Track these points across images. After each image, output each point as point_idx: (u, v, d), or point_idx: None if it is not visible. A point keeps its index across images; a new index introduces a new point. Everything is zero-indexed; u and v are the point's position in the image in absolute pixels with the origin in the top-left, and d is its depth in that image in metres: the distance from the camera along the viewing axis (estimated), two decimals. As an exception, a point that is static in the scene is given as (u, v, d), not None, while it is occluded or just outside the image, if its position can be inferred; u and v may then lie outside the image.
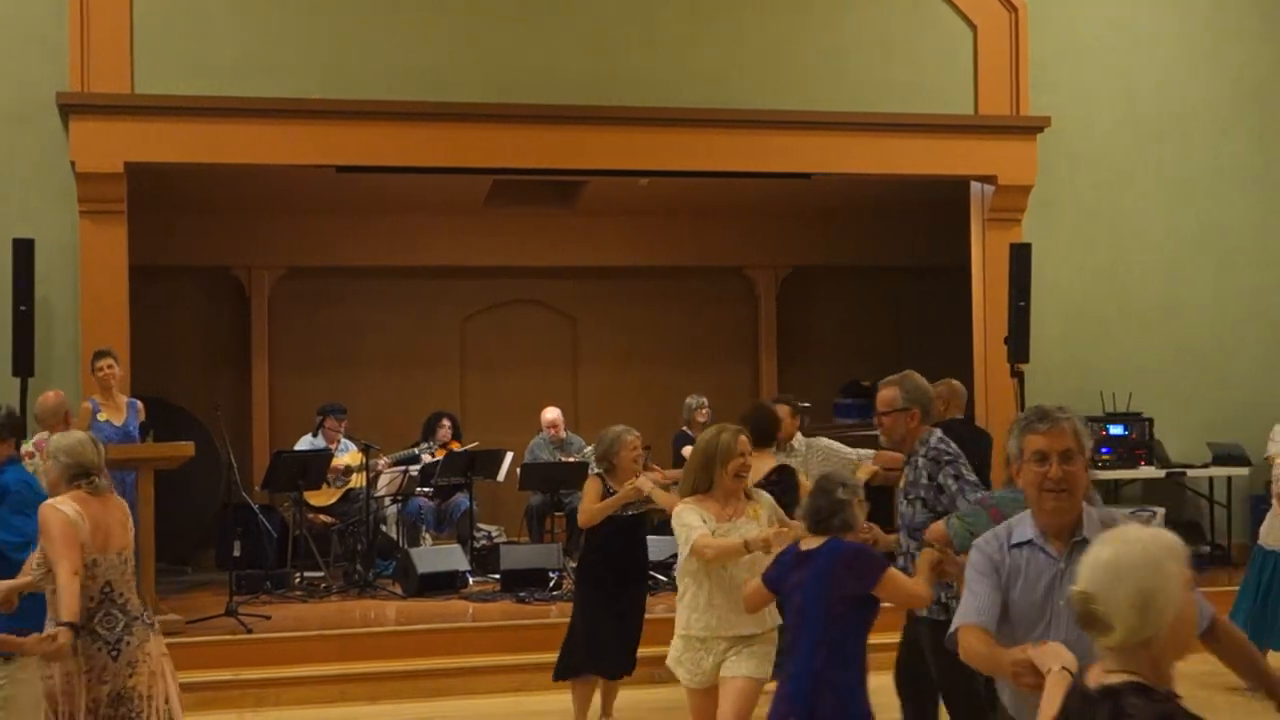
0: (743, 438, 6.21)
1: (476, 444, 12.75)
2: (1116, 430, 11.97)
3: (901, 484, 6.20)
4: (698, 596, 6.08)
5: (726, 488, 6.13)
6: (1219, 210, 12.70)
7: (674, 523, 6.18)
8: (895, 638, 6.39)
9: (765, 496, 6.37)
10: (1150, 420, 12.09)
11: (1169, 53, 12.63)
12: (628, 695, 8.17)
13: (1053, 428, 3.90)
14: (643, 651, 7.85)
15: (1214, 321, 12.63)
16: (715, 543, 5.97)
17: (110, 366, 9.94)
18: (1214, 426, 12.26)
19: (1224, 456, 12.10)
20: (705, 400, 12.75)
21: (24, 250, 10.12)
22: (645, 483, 7.63)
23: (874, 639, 5.29)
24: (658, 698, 8.38)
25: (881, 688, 5.78)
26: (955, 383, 9.48)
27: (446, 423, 13.02)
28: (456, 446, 12.64)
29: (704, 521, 6.05)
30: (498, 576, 11.18)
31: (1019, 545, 3.92)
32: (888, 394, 6.37)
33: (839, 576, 5.16)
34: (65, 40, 10.53)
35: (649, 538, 8.34)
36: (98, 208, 10.52)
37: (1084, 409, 11.96)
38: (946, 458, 5.99)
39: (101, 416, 9.77)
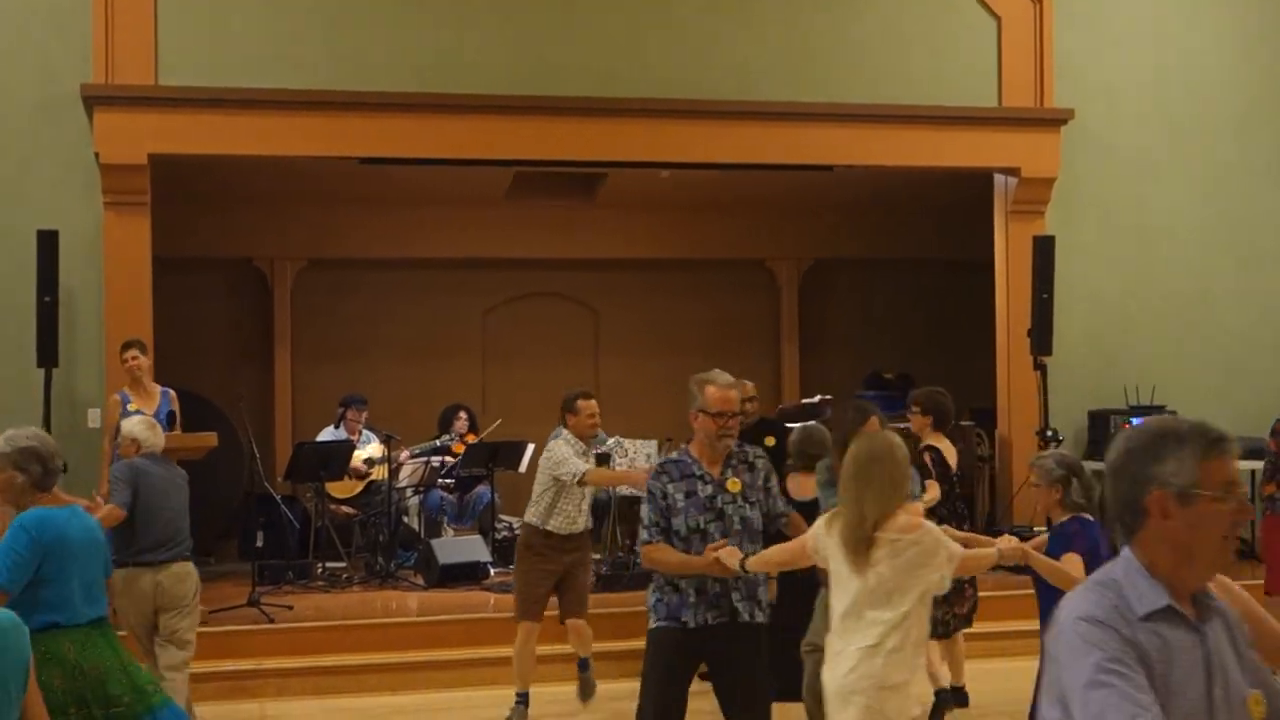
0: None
1: (500, 422, 12.77)
2: (1138, 423, 11.91)
3: None
4: None
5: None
6: (1243, 204, 12.64)
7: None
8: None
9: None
10: (1174, 414, 12.04)
11: (1194, 45, 12.57)
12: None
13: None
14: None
15: (1238, 315, 12.58)
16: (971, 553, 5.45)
17: (136, 357, 9.96)
18: (1238, 420, 12.17)
19: (1248, 450, 12.04)
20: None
21: (48, 242, 10.16)
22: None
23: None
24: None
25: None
26: None
27: (463, 415, 13.03)
28: (473, 439, 12.65)
29: None
30: (519, 568, 11.18)
31: (1152, 616, 2.63)
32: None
33: None
34: (90, 32, 10.57)
35: None
36: (121, 199, 10.57)
37: (1107, 402, 11.96)
38: None
39: (132, 407, 9.79)
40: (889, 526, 5.01)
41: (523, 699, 8.25)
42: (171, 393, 10.18)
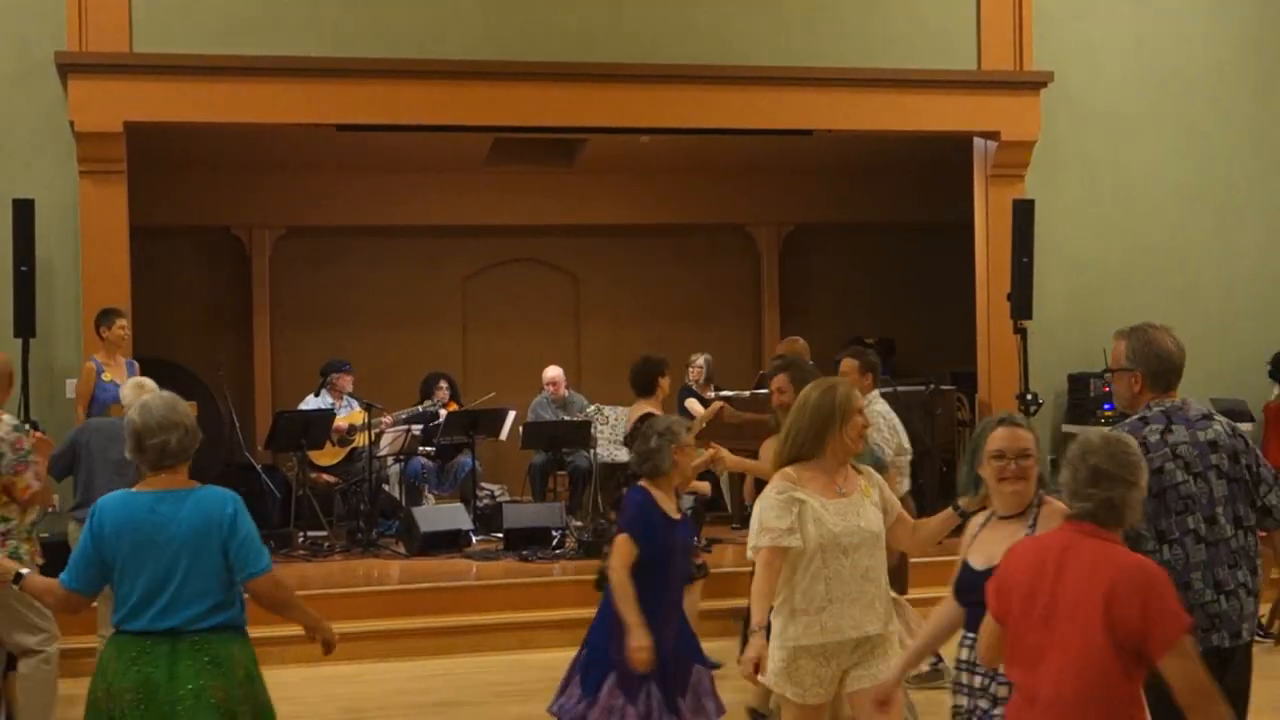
0: (857, 392, 5.43)
1: (493, 395, 12.76)
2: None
3: None
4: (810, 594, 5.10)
5: (841, 454, 5.21)
6: (1223, 165, 12.65)
7: (762, 505, 5.16)
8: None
9: (872, 472, 5.43)
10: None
11: (1172, 6, 12.55)
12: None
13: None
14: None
15: (1217, 277, 12.61)
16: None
17: (125, 327, 9.93)
18: (1217, 382, 12.23)
19: (1227, 412, 12.03)
20: (701, 359, 12.66)
21: (24, 211, 10.08)
22: (725, 454, 7.18)
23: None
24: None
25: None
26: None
27: (444, 384, 13.01)
28: (454, 407, 12.64)
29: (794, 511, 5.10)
30: (500, 535, 11.21)
31: None
32: (1116, 348, 5.28)
33: None
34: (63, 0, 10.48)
35: None
36: (97, 168, 10.49)
37: (1086, 365, 11.98)
38: None
39: (106, 376, 9.74)
40: None
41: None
42: (136, 364, 10.14)
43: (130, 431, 4.65)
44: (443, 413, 12.43)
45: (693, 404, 11.67)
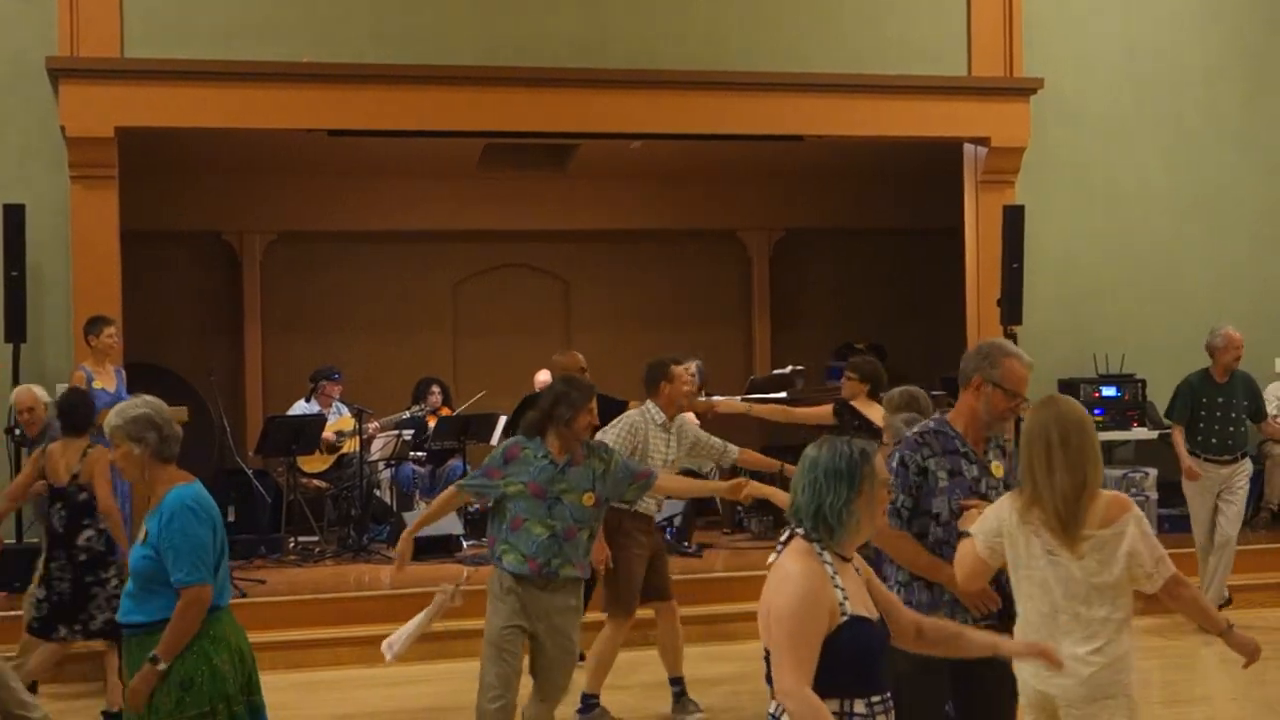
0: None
1: (483, 394, 12.75)
2: (1109, 392, 11.99)
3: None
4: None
5: None
6: (1213, 171, 12.68)
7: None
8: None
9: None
10: (1143, 382, 12.10)
11: (1163, 13, 12.59)
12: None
13: None
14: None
15: (1207, 282, 12.63)
16: None
17: (113, 335, 9.93)
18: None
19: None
20: (692, 364, 12.65)
21: (15, 216, 10.08)
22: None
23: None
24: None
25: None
26: None
27: (436, 389, 13.02)
28: (447, 412, 12.63)
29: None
30: (491, 540, 11.19)
31: None
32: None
33: None
34: (54, 4, 10.47)
35: None
36: (89, 173, 10.48)
37: (1077, 371, 12.02)
38: None
39: (96, 384, 9.74)
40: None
41: (596, 699, 7.80)
42: (124, 371, 10.14)
43: (162, 420, 5.00)
44: (430, 421, 12.43)
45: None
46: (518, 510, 6.32)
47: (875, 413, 8.44)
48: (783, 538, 3.83)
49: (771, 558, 3.82)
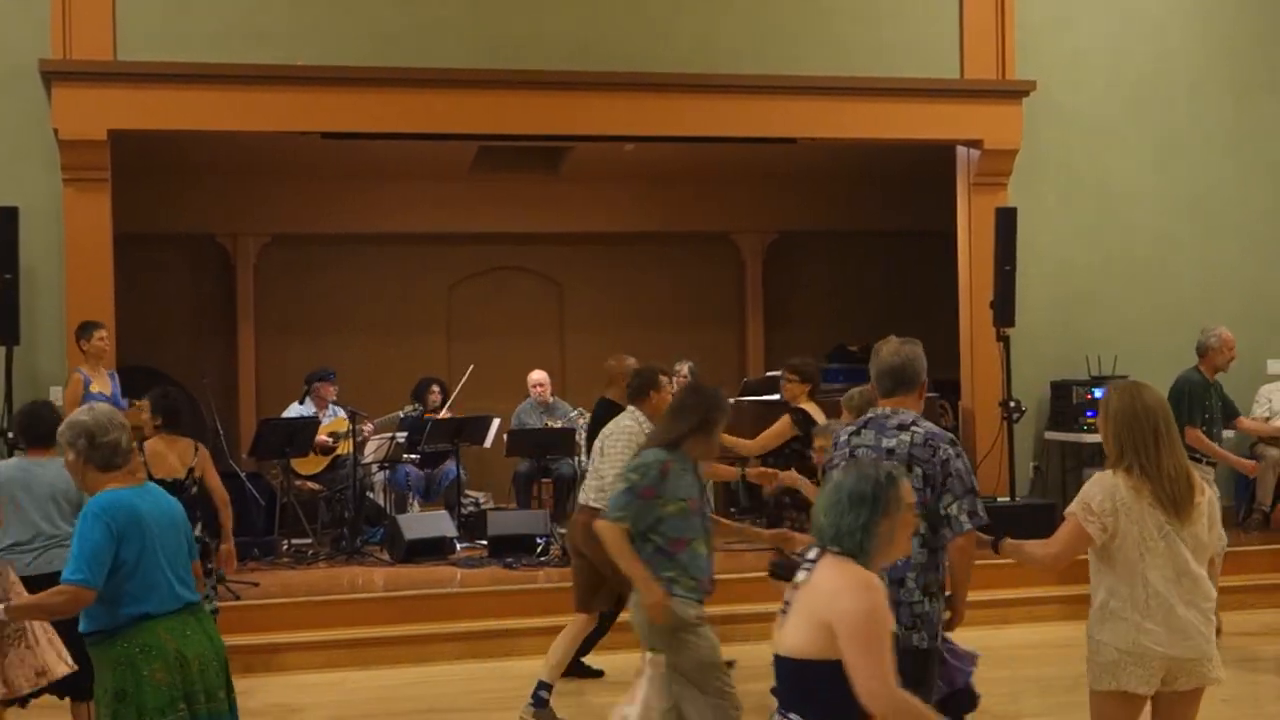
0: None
1: (472, 368, 12.75)
2: (1101, 394, 11.98)
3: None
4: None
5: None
6: (1204, 173, 12.72)
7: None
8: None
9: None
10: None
11: (1154, 16, 12.61)
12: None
13: None
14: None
15: (1198, 284, 12.66)
16: None
17: (104, 339, 9.95)
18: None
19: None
20: (685, 366, 12.70)
21: (8, 218, 10.08)
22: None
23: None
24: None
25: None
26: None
27: (436, 389, 13.03)
28: (449, 415, 12.63)
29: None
30: (485, 542, 11.21)
31: None
32: None
33: None
34: (48, 6, 10.47)
35: None
36: (81, 175, 10.49)
37: (1069, 373, 12.04)
38: None
39: (94, 388, 9.77)
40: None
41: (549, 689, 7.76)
42: (116, 374, 10.14)
43: (96, 427, 4.88)
44: (418, 417, 12.42)
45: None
46: (678, 530, 5.80)
47: (817, 412, 8.91)
48: (810, 555, 3.90)
49: (801, 575, 3.87)
